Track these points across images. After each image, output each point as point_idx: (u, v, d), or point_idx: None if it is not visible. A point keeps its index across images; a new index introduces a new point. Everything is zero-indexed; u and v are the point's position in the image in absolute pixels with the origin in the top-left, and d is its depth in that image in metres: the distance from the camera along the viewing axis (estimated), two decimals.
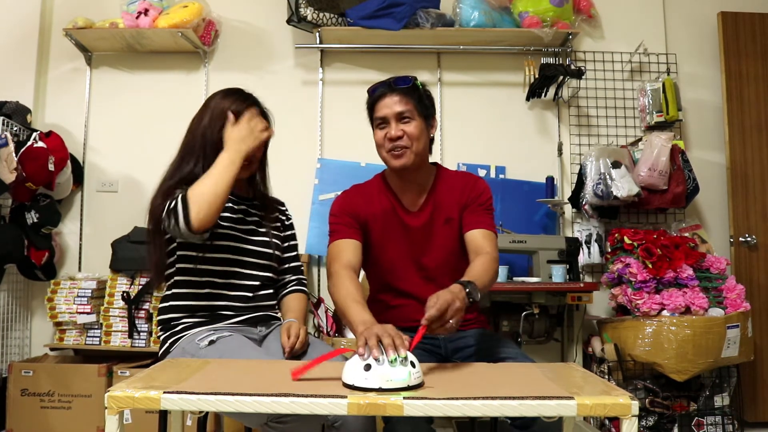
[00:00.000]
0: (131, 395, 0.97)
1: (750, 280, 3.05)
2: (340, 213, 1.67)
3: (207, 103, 1.64)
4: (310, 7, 2.97)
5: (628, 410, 0.96)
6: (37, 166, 2.73)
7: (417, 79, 1.66)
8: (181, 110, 3.28)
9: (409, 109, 1.61)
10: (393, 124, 1.61)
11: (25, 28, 3.18)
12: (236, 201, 1.69)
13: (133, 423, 2.51)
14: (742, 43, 3.19)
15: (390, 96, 1.62)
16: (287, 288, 1.78)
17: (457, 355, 1.64)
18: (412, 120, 1.61)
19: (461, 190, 1.70)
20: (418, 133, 1.62)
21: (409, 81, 1.63)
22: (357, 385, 1.03)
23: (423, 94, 1.66)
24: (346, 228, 1.63)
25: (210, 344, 1.46)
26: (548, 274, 2.73)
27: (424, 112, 1.65)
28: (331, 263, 1.58)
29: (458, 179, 1.74)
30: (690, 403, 2.68)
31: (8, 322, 2.95)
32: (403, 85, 1.62)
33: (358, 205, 1.68)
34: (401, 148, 1.61)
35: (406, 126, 1.61)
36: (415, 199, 1.71)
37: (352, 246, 1.61)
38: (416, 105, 1.62)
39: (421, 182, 1.71)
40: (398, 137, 1.60)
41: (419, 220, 1.69)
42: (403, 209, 1.70)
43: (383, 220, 1.68)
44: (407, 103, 1.61)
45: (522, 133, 3.24)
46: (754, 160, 3.15)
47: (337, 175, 3.15)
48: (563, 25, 3.05)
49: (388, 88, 1.63)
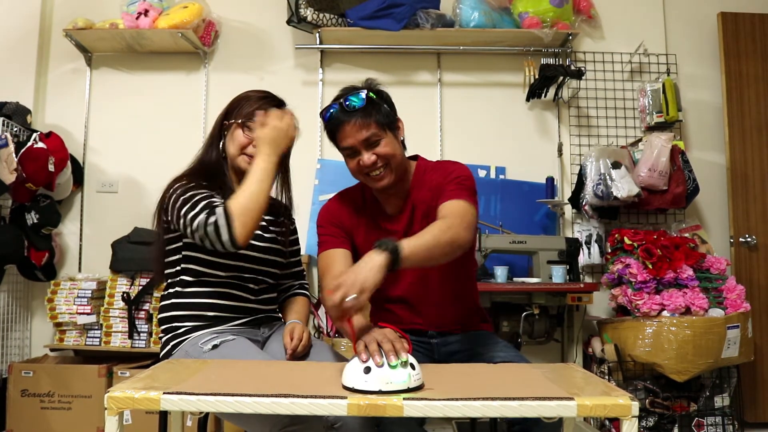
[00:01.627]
0: (131, 396, 0.97)
1: (750, 281, 3.04)
2: (326, 224, 1.64)
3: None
4: (310, 8, 2.98)
5: (628, 411, 0.96)
6: (37, 167, 2.73)
7: (368, 89, 1.51)
8: (181, 111, 3.33)
9: (373, 132, 1.48)
10: (363, 152, 1.49)
11: (25, 28, 3.18)
12: None
13: (133, 424, 2.51)
14: (742, 44, 3.19)
15: (348, 123, 1.48)
16: (290, 291, 1.78)
17: (449, 359, 1.61)
18: (381, 139, 1.49)
19: (437, 177, 1.59)
20: (391, 150, 1.51)
21: (361, 99, 1.47)
22: (357, 387, 1.03)
23: (379, 103, 1.51)
24: (333, 238, 1.61)
25: (213, 348, 1.46)
26: (548, 274, 2.73)
27: (389, 124, 1.52)
28: (323, 276, 1.57)
29: (434, 172, 1.62)
30: (690, 403, 2.68)
31: (8, 322, 2.95)
32: (357, 106, 1.47)
33: (341, 214, 1.65)
34: (379, 170, 1.52)
35: (378, 148, 1.49)
36: (398, 202, 1.64)
37: (341, 256, 1.57)
38: (378, 122, 1.48)
39: (404, 187, 1.63)
40: (373, 163, 1.50)
41: (400, 223, 1.62)
42: (383, 216, 1.65)
43: (365, 229, 1.64)
44: (368, 125, 1.47)
45: (522, 134, 3.24)
46: (754, 160, 3.15)
47: (337, 176, 3.14)
48: (563, 25, 3.05)
49: (343, 114, 1.48)
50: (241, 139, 1.58)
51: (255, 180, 1.44)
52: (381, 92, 1.55)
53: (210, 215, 1.37)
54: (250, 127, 1.56)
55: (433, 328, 1.64)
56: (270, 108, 1.57)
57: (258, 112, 1.54)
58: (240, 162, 1.59)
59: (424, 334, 1.64)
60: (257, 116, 1.53)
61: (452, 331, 1.66)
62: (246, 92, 1.65)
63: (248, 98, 1.62)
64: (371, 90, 1.51)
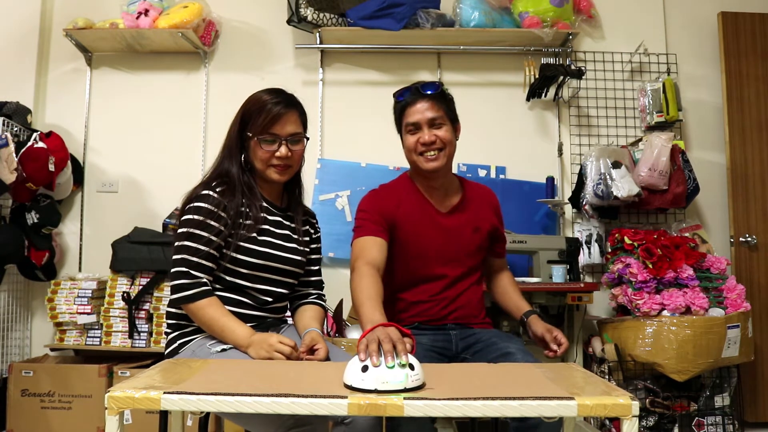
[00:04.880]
0: (131, 395, 0.97)
1: (750, 280, 3.04)
2: (371, 210, 1.68)
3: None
4: (310, 8, 2.97)
5: (628, 410, 0.96)
6: (37, 167, 2.73)
7: (443, 84, 1.71)
8: (181, 111, 3.33)
9: (440, 115, 1.67)
10: (425, 129, 1.66)
11: (25, 28, 3.18)
12: (270, 211, 1.62)
13: (134, 423, 2.51)
14: (742, 43, 3.19)
15: (421, 102, 1.66)
16: (306, 299, 1.72)
17: (467, 351, 1.69)
18: (444, 125, 1.68)
19: (492, 207, 1.85)
20: (449, 137, 1.69)
21: (437, 87, 1.68)
22: (354, 385, 1.04)
23: (450, 98, 1.72)
24: (374, 225, 1.65)
25: (222, 351, 1.45)
26: (548, 274, 2.73)
27: (452, 116, 1.71)
28: (356, 259, 1.59)
29: (481, 191, 1.86)
30: (690, 403, 2.68)
31: (8, 322, 2.95)
32: (433, 91, 1.67)
33: (388, 205, 1.71)
34: (435, 151, 1.66)
35: (438, 131, 1.67)
36: (443, 201, 1.76)
37: (378, 244, 1.62)
38: (446, 111, 1.68)
39: (447, 186, 1.77)
40: (432, 142, 1.66)
41: (451, 221, 1.75)
42: (434, 209, 1.75)
43: (417, 218, 1.72)
44: (438, 109, 1.67)
45: (522, 134, 3.24)
46: (754, 160, 3.15)
47: (337, 176, 3.15)
48: (563, 25, 3.05)
49: (417, 95, 1.67)
50: (262, 154, 1.56)
51: (221, 332, 1.45)
52: (451, 95, 1.75)
53: (187, 281, 1.46)
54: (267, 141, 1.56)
55: (452, 321, 1.75)
56: (281, 110, 1.55)
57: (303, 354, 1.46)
58: (271, 175, 1.59)
59: (444, 327, 1.73)
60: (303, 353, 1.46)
61: (470, 324, 1.76)
62: (257, 96, 1.59)
63: (260, 106, 1.55)
64: (445, 87, 1.72)
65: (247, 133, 1.57)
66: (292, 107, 1.60)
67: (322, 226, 1.86)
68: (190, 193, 1.56)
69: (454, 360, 1.68)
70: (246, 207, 1.54)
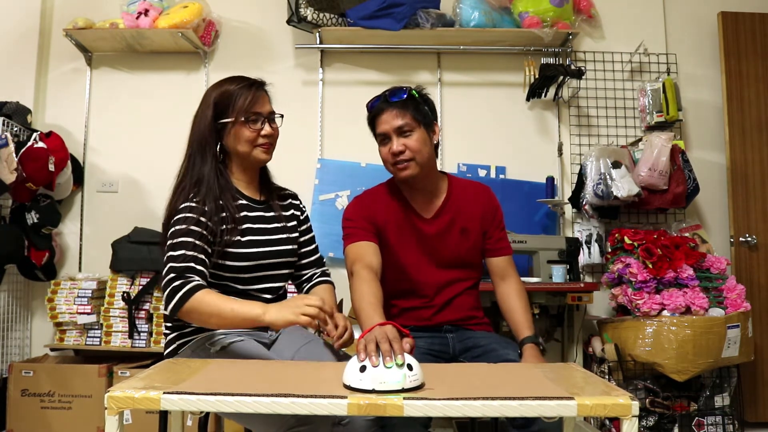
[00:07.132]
0: (131, 396, 0.97)
1: (750, 280, 3.04)
2: (357, 217, 1.68)
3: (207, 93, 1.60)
4: (310, 8, 2.97)
5: (628, 410, 0.96)
6: (37, 167, 2.73)
7: (413, 89, 1.67)
8: (181, 111, 3.29)
9: (407, 122, 1.63)
10: (394, 138, 1.63)
11: (25, 28, 3.18)
12: (250, 207, 1.60)
13: (133, 423, 2.51)
14: (742, 43, 3.19)
15: (387, 111, 1.64)
16: (313, 280, 1.72)
17: (465, 354, 1.67)
18: (413, 132, 1.63)
19: (480, 204, 1.76)
20: (419, 144, 1.63)
21: (403, 93, 1.64)
22: (352, 385, 1.04)
23: (421, 103, 1.67)
24: (363, 232, 1.65)
25: (221, 350, 1.44)
26: (548, 274, 2.73)
27: (424, 121, 1.66)
28: (353, 263, 1.59)
29: (471, 189, 1.78)
30: (690, 403, 2.68)
31: (8, 322, 2.95)
32: (398, 99, 1.64)
33: (373, 210, 1.70)
34: (405, 161, 1.63)
35: (407, 139, 1.63)
36: (428, 205, 1.74)
37: (372, 249, 1.62)
38: (414, 116, 1.63)
39: (431, 189, 1.74)
40: (400, 152, 1.63)
41: (434, 227, 1.72)
42: (416, 216, 1.73)
43: (398, 226, 1.71)
44: (404, 116, 1.62)
45: (522, 133, 3.24)
46: (754, 160, 3.15)
47: (337, 176, 3.15)
48: (563, 25, 3.05)
49: (384, 103, 1.65)
50: (249, 134, 1.55)
51: (232, 312, 1.34)
52: (424, 95, 1.70)
53: (178, 282, 1.36)
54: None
55: (449, 323, 1.73)
56: (256, 92, 1.55)
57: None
58: (258, 155, 1.57)
59: (440, 329, 1.72)
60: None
61: (467, 327, 1.74)
62: (223, 84, 1.57)
63: (236, 90, 1.54)
64: (415, 90, 1.68)
65: (224, 120, 1.54)
66: (263, 87, 1.61)
67: (322, 226, 1.87)
68: (169, 208, 1.53)
69: (452, 362, 1.67)
70: (224, 211, 1.51)
